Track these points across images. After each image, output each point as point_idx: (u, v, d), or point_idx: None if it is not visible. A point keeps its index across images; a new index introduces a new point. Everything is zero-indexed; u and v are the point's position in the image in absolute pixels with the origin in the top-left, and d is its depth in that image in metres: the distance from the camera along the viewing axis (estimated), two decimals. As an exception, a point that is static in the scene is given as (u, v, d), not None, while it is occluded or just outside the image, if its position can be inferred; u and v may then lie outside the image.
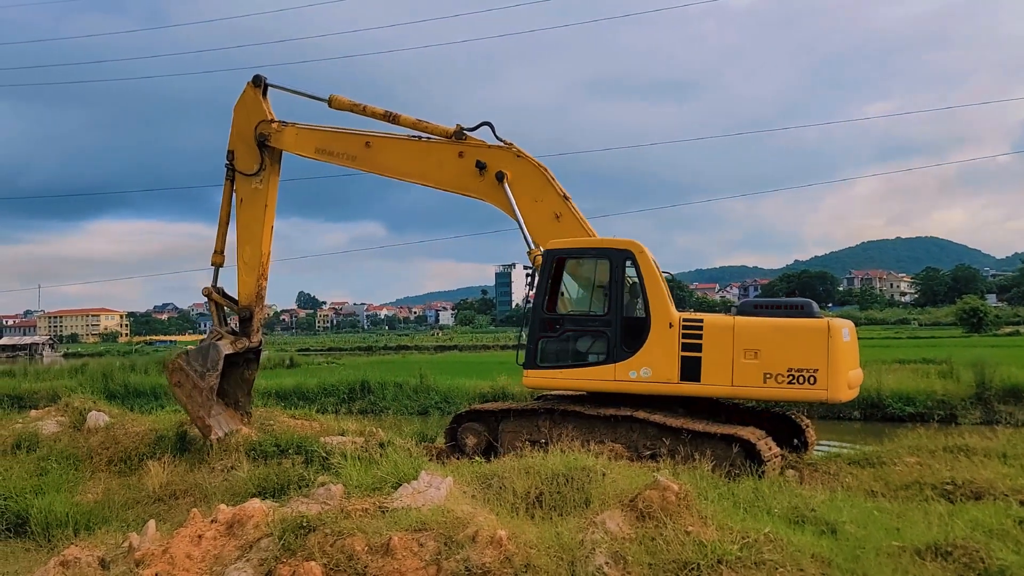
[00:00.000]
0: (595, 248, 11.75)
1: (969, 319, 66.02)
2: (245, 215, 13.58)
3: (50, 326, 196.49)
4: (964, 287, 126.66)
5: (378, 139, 13.06)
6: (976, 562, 5.77)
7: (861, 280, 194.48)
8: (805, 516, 6.88)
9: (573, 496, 6.97)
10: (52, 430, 14.11)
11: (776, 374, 10.39)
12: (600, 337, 11.38)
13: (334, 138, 13.26)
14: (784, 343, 10.47)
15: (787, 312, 10.94)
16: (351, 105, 13.18)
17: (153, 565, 6.26)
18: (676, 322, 10.91)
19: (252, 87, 13.66)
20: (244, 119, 13.65)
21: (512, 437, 11.65)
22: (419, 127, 12.78)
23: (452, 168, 12.54)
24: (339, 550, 5.91)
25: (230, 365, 13.33)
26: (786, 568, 5.44)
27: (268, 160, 13.48)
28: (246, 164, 13.54)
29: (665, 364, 10.87)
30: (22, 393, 28.99)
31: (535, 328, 11.73)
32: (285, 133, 13.35)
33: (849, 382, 10.58)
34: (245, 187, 13.57)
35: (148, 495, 11.01)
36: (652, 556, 5.64)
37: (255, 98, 13.61)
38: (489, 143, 12.45)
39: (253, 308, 13.48)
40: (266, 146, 13.42)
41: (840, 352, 10.32)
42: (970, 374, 21.39)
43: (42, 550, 9.15)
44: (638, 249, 11.27)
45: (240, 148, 13.64)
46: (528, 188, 12.12)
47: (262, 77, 13.68)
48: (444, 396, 25.43)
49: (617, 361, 11.12)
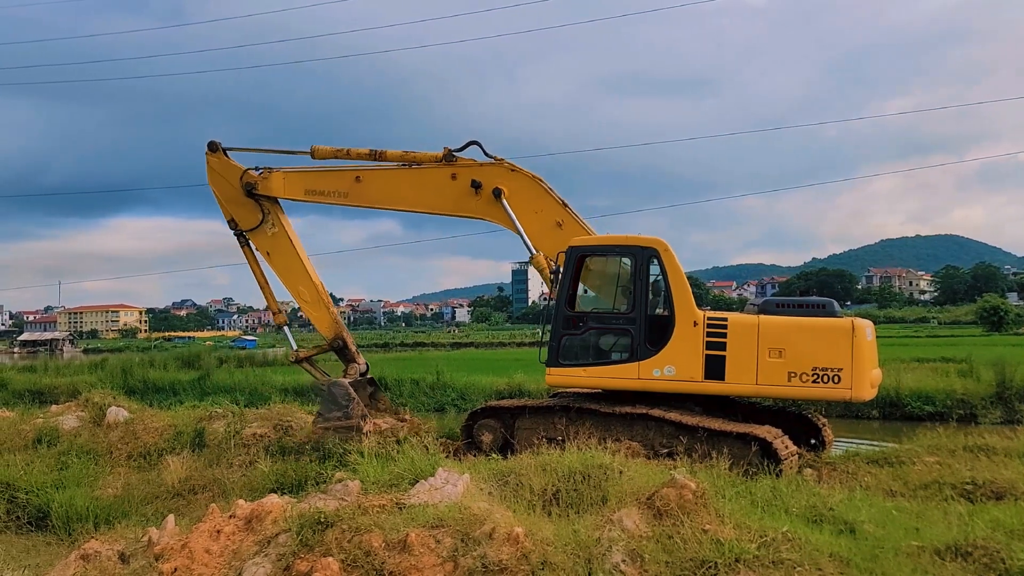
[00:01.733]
0: (620, 246, 11.76)
1: (989, 318, 65.45)
2: (280, 263, 13.63)
3: (70, 322, 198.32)
4: (984, 285, 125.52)
5: (368, 172, 13.02)
6: (996, 563, 5.71)
7: (880, 278, 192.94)
8: (823, 515, 6.85)
9: (590, 494, 6.97)
10: (72, 425, 14.26)
11: (800, 373, 10.41)
12: (624, 335, 11.35)
13: (322, 178, 13.28)
14: (809, 342, 10.48)
15: (810, 311, 10.94)
16: (334, 152, 13.20)
17: (172, 559, 6.31)
18: (701, 320, 10.89)
19: (211, 154, 13.69)
20: (223, 184, 13.67)
21: (528, 434, 11.65)
22: (407, 158, 12.74)
23: (447, 191, 12.50)
24: (356, 546, 5.93)
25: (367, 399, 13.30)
26: (804, 567, 5.41)
27: (268, 205, 13.50)
28: (249, 221, 13.55)
29: (690, 362, 10.86)
30: (43, 388, 29.25)
31: (558, 325, 11.65)
32: (272, 179, 13.41)
33: (872, 381, 10.61)
34: (263, 240, 13.61)
35: (167, 490, 11.11)
36: (669, 554, 5.62)
37: (220, 161, 13.69)
38: (480, 161, 12.40)
39: (342, 333, 13.53)
40: (254, 195, 13.42)
41: (864, 351, 10.35)
42: (990, 373, 21.17)
43: (63, 544, 9.26)
44: (663, 247, 11.24)
45: (236, 211, 13.67)
46: (527, 200, 12.16)
47: (216, 143, 13.70)
48: (460, 393, 25.43)
49: (641, 359, 11.10)
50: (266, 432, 13.20)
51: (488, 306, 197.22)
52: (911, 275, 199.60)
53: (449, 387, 26.23)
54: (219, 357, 40.91)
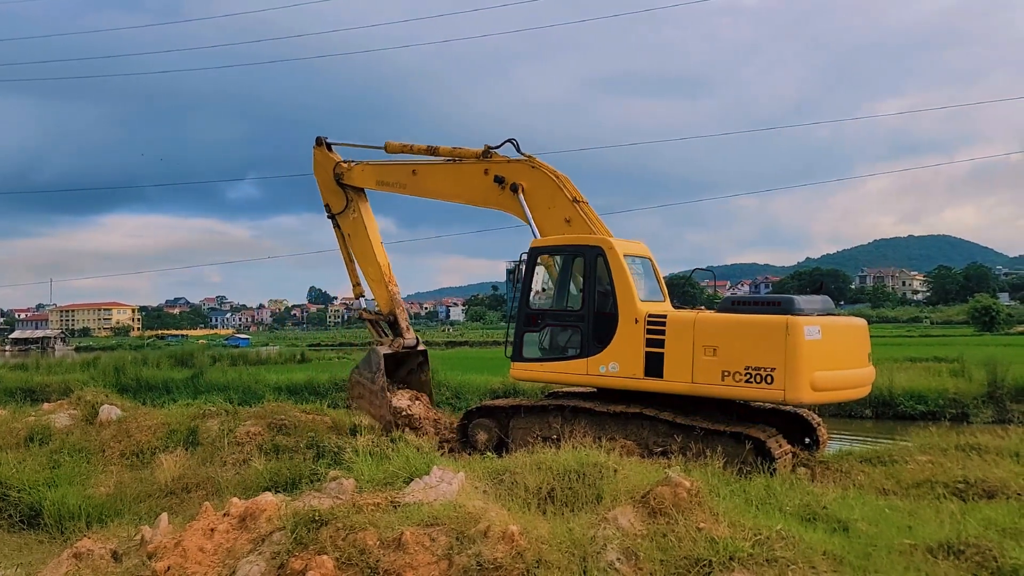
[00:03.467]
0: (571, 245, 12.01)
1: (981, 317, 65.67)
2: (358, 245, 15.35)
3: (62, 320, 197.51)
4: (976, 285, 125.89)
5: (422, 167, 14.47)
6: (989, 561, 5.73)
7: (873, 278, 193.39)
8: (817, 514, 6.87)
9: (585, 492, 6.98)
10: (64, 423, 14.21)
11: (734, 372, 10.13)
12: (576, 332, 11.61)
13: (388, 170, 14.92)
14: (742, 340, 10.16)
15: (763, 309, 10.54)
16: (401, 147, 14.83)
17: (165, 558, 6.29)
18: (642, 317, 10.93)
19: (317, 148, 15.67)
20: (323, 174, 15.53)
21: (523, 433, 11.72)
22: (455, 154, 14.04)
23: (478, 185, 13.46)
24: (351, 544, 5.93)
25: (407, 373, 15.12)
26: (798, 565, 5.42)
27: (352, 193, 15.28)
28: (337, 206, 15.44)
29: (631, 359, 10.91)
30: (34, 386, 29.13)
31: (520, 323, 12.20)
32: (354, 171, 15.21)
33: (815, 383, 9.90)
34: (347, 222, 15.40)
35: (160, 488, 11.07)
36: (664, 552, 5.63)
37: (323, 154, 15.60)
38: (511, 158, 13.23)
39: (395, 310, 15.05)
40: (342, 184, 15.27)
41: (802, 350, 9.77)
42: (982, 373, 21.26)
43: (55, 542, 9.23)
44: (608, 246, 11.41)
45: (330, 198, 15.53)
46: (542, 196, 12.71)
47: (322, 138, 15.65)
48: (455, 392, 25.42)
49: (589, 355, 11.29)
50: (260, 430, 13.17)
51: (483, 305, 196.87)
52: (904, 275, 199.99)
53: (444, 386, 26.17)
54: (212, 355, 40.83)
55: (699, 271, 19.97)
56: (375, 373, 14.08)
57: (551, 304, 12.38)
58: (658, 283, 12.47)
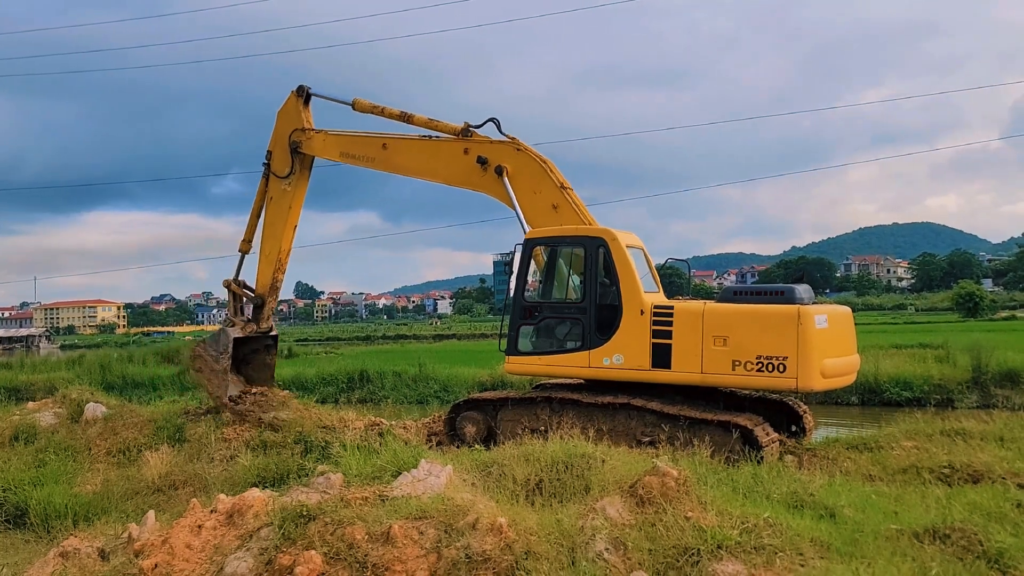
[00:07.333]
0: (570, 236, 11.78)
1: (965, 304, 66.04)
2: (271, 213, 14.62)
3: (46, 318, 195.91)
4: (960, 272, 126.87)
5: (393, 141, 13.70)
6: (974, 545, 5.77)
7: (859, 266, 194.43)
8: (804, 501, 6.89)
9: (573, 483, 6.98)
10: (50, 422, 14.10)
11: (745, 361, 10.19)
12: (576, 324, 11.43)
13: (355, 142, 14.04)
14: (753, 330, 10.22)
15: (766, 298, 10.66)
16: (371, 107, 14.00)
17: (153, 556, 6.26)
18: (648, 309, 10.88)
19: (295, 96, 14.51)
20: (284, 125, 14.57)
21: (511, 425, 11.70)
22: (431, 126, 13.37)
23: (458, 165, 12.93)
24: (339, 539, 5.91)
25: (252, 352, 14.84)
26: (785, 552, 5.45)
27: (299, 166, 14.42)
28: (280, 166, 14.55)
29: (637, 351, 10.86)
30: (19, 385, 28.95)
31: (515, 316, 11.88)
32: (315, 140, 14.26)
33: (824, 370, 10.12)
34: (276, 187, 14.61)
35: (147, 486, 11.02)
36: (652, 542, 5.64)
37: (296, 107, 14.49)
38: (493, 139, 12.77)
39: (266, 297, 14.59)
40: (298, 152, 14.35)
41: (813, 339, 9.95)
42: (967, 358, 21.44)
43: (42, 541, 9.18)
44: (610, 236, 11.30)
45: (277, 151, 14.65)
46: (527, 181, 12.34)
47: (305, 87, 14.51)
48: (443, 385, 25.45)
49: (591, 348, 11.17)
50: (247, 427, 13.14)
51: (470, 298, 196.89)
52: (889, 263, 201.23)
53: (432, 379, 26.24)
54: (199, 352, 40.51)
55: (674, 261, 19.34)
56: (220, 354, 14.05)
57: (549, 296, 12.22)
58: (651, 274, 12.45)
